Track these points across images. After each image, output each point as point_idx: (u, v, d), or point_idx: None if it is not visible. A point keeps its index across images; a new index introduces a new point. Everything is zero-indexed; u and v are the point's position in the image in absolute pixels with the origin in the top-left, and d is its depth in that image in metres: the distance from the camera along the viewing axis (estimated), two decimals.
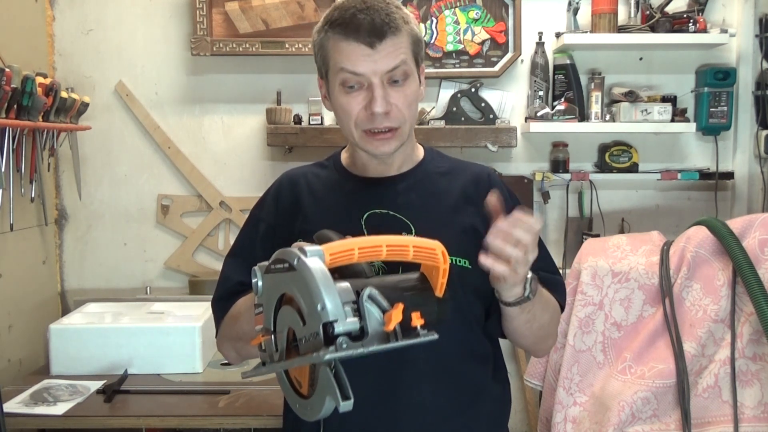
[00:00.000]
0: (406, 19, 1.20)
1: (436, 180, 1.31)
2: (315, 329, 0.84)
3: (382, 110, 1.18)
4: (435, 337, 0.90)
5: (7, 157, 2.14)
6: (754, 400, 1.75)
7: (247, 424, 1.89)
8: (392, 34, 1.17)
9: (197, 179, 2.69)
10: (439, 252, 0.96)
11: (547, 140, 2.69)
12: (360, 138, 1.23)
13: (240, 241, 1.38)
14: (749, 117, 2.64)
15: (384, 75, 1.18)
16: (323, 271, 0.85)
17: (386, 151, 1.23)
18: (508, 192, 1.34)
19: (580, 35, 2.53)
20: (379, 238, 0.94)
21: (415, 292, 0.97)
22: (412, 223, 1.24)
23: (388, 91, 1.19)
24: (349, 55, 1.17)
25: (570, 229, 2.70)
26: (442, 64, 2.63)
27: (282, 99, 2.61)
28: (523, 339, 1.28)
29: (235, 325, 1.26)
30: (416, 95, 1.24)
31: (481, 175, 1.33)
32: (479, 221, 1.26)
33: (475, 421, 1.26)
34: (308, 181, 1.34)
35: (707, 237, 1.87)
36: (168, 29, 2.65)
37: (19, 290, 2.38)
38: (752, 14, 2.59)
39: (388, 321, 0.86)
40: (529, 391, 2.55)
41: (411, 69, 1.21)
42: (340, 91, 1.21)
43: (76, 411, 1.88)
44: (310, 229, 1.26)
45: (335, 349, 0.82)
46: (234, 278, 1.31)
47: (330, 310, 0.82)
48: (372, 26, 1.16)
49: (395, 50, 1.17)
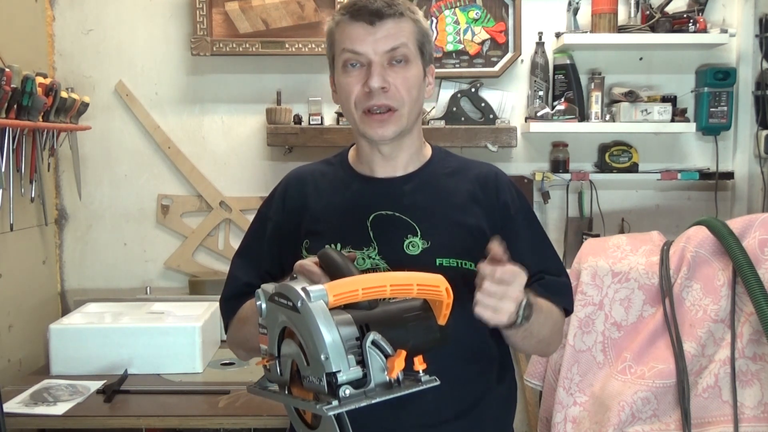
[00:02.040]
0: (411, 9, 1.24)
1: (443, 181, 1.31)
2: (318, 375, 0.85)
3: (378, 85, 1.19)
4: (437, 383, 0.91)
5: (7, 157, 2.14)
6: (754, 400, 1.75)
7: (247, 424, 1.89)
8: (393, 16, 1.21)
9: (197, 179, 2.69)
10: (443, 288, 0.97)
11: (547, 140, 2.68)
12: (360, 120, 1.24)
13: (248, 240, 1.38)
14: (749, 117, 2.64)
15: (384, 55, 1.21)
16: (327, 317, 0.86)
17: (384, 134, 1.23)
18: (516, 192, 1.34)
19: (580, 35, 2.53)
20: (383, 276, 0.96)
21: (418, 322, 0.97)
22: (418, 225, 1.24)
23: (387, 71, 1.21)
24: (350, 34, 1.21)
25: (570, 229, 2.70)
26: (442, 64, 2.63)
27: (282, 99, 2.61)
28: (523, 349, 1.30)
29: (242, 329, 1.27)
30: (417, 82, 1.25)
31: (488, 175, 1.33)
32: (485, 222, 1.26)
33: (479, 422, 1.25)
34: (315, 179, 1.34)
35: (707, 237, 1.87)
36: (168, 29, 2.65)
37: (19, 290, 2.38)
38: (752, 14, 2.59)
39: (391, 368, 0.87)
40: (529, 391, 2.55)
41: (412, 54, 1.23)
42: (342, 71, 1.24)
43: (76, 411, 1.88)
44: (316, 230, 1.26)
45: (339, 403, 0.83)
46: (241, 278, 1.32)
47: (333, 361, 0.84)
48: (374, 7, 1.20)
49: (396, 32, 1.21)
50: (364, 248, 1.23)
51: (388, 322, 0.92)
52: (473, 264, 1.21)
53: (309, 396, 0.91)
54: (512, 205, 1.30)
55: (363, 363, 0.87)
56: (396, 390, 0.88)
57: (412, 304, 1.00)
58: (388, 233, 1.23)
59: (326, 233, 1.25)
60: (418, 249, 1.22)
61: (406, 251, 1.22)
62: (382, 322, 0.91)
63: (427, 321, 0.98)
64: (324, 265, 1.02)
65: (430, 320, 0.98)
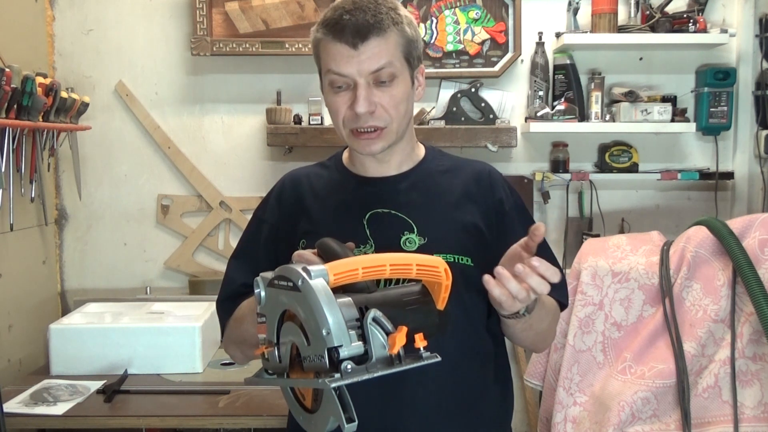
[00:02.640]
0: (396, 20, 1.19)
1: (438, 178, 1.31)
2: (320, 352, 0.85)
3: (364, 110, 1.18)
4: (438, 359, 0.91)
5: (7, 157, 2.14)
6: (754, 400, 1.75)
7: (247, 424, 1.89)
8: (376, 35, 1.17)
9: (197, 179, 2.69)
10: (442, 269, 0.97)
11: (547, 140, 2.68)
12: (348, 137, 1.24)
13: (243, 243, 1.38)
14: (749, 117, 2.64)
15: (369, 75, 1.18)
16: (328, 294, 0.85)
17: (372, 150, 1.24)
18: (509, 189, 1.34)
19: (580, 35, 2.53)
20: (383, 256, 0.95)
21: (417, 306, 0.98)
22: (414, 222, 1.24)
23: (373, 91, 1.19)
24: (335, 56, 1.19)
25: (570, 229, 2.70)
26: (442, 64, 2.63)
27: (282, 99, 2.61)
28: (520, 342, 1.31)
29: (240, 327, 1.28)
30: (405, 96, 1.23)
31: (482, 173, 1.34)
32: (480, 219, 1.27)
33: (477, 420, 1.26)
34: (311, 181, 1.35)
35: (707, 237, 1.87)
36: (168, 29, 2.65)
37: (19, 290, 2.38)
38: (752, 14, 2.59)
39: (392, 344, 0.87)
40: (529, 391, 2.55)
41: (399, 70, 1.20)
42: (329, 91, 1.23)
43: (76, 411, 1.88)
44: (313, 230, 1.26)
45: (341, 376, 0.83)
46: (237, 280, 1.32)
47: (335, 336, 0.83)
48: (356, 27, 1.16)
49: (379, 51, 1.18)
50: (361, 246, 1.24)
51: (388, 305, 0.92)
52: (470, 260, 1.22)
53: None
54: (506, 201, 1.31)
55: (364, 340, 0.87)
56: (397, 365, 0.88)
57: (411, 289, 1.00)
58: (384, 230, 1.24)
59: (322, 232, 1.25)
60: (415, 245, 1.23)
61: (403, 248, 1.22)
62: (381, 305, 0.91)
63: (426, 306, 0.98)
64: (322, 254, 1.02)
65: (429, 305, 0.98)
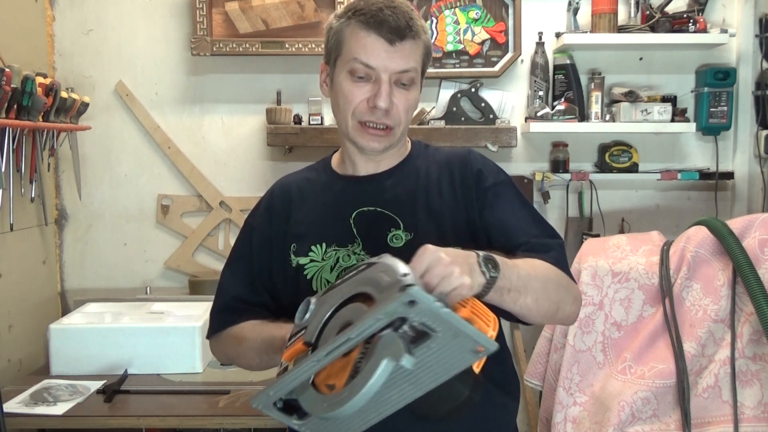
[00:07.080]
0: (425, 29, 1.24)
1: (422, 171, 1.32)
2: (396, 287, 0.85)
3: (385, 106, 1.20)
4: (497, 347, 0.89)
5: (7, 157, 2.14)
6: (754, 400, 1.75)
7: (246, 424, 1.89)
8: (412, 38, 1.20)
9: (197, 179, 2.69)
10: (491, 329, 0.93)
11: (547, 140, 2.68)
12: (353, 128, 1.24)
13: (235, 252, 1.40)
14: (749, 117, 2.64)
15: (394, 74, 1.20)
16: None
17: (376, 147, 1.25)
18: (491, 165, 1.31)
19: (580, 35, 2.53)
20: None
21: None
22: (400, 218, 1.25)
23: (393, 90, 1.21)
24: (366, 47, 1.19)
25: (570, 229, 2.70)
26: (442, 64, 2.63)
27: (282, 99, 2.61)
28: (528, 316, 1.15)
29: (238, 347, 1.29)
30: (416, 103, 1.27)
31: (461, 154, 1.33)
32: (465, 203, 1.26)
33: (480, 421, 1.25)
34: (300, 187, 1.36)
35: (707, 237, 1.87)
36: (168, 29, 2.65)
37: (19, 290, 2.38)
38: (752, 14, 2.59)
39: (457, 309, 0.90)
40: (529, 391, 2.55)
41: (417, 77, 1.24)
42: (347, 78, 1.23)
43: (76, 411, 1.88)
44: (300, 232, 1.28)
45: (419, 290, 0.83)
46: (230, 292, 1.34)
47: (411, 277, 0.86)
48: (396, 24, 1.18)
49: (411, 54, 1.21)
50: (348, 245, 1.24)
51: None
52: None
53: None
54: (487, 175, 1.28)
55: None
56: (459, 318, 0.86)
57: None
58: (371, 228, 1.25)
59: (310, 234, 1.27)
60: (402, 241, 1.23)
61: (390, 244, 1.23)
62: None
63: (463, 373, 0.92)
64: None
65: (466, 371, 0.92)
